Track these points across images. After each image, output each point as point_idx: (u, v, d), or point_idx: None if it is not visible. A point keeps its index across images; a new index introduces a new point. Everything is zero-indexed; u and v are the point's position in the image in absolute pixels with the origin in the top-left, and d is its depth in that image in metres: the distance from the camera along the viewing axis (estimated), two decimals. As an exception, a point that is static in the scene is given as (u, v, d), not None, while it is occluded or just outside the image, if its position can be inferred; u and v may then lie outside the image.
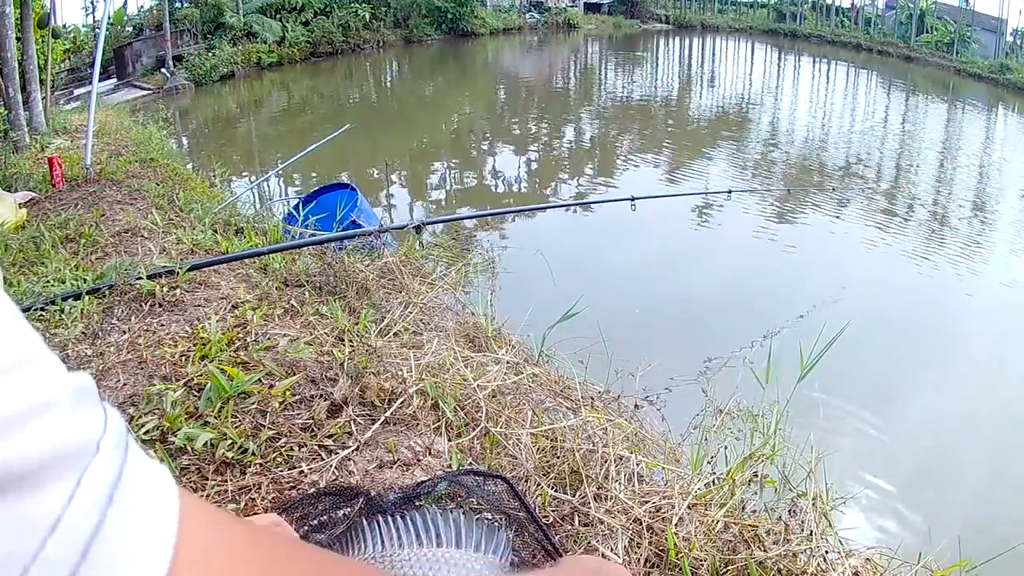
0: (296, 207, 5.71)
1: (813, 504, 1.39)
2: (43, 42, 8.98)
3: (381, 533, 0.93)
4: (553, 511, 1.49)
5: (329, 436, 1.62)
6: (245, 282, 2.98)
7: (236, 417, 1.84)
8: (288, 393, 1.97)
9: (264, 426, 1.64)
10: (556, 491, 1.54)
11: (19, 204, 4.67)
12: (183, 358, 2.26)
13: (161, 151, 7.33)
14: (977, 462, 4.67)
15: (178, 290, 2.88)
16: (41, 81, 8.15)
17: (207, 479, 1.46)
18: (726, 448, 1.73)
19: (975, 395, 5.50)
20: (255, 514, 1.34)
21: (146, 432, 1.60)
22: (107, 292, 2.87)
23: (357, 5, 24.01)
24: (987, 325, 6.77)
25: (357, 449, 1.59)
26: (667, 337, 5.87)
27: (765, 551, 1.26)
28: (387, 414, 1.87)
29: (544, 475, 1.64)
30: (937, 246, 9.10)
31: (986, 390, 5.55)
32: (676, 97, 20.93)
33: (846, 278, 7.18)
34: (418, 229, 3.75)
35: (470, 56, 26.66)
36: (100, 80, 7.68)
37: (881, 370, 5.61)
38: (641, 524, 1.36)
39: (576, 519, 1.38)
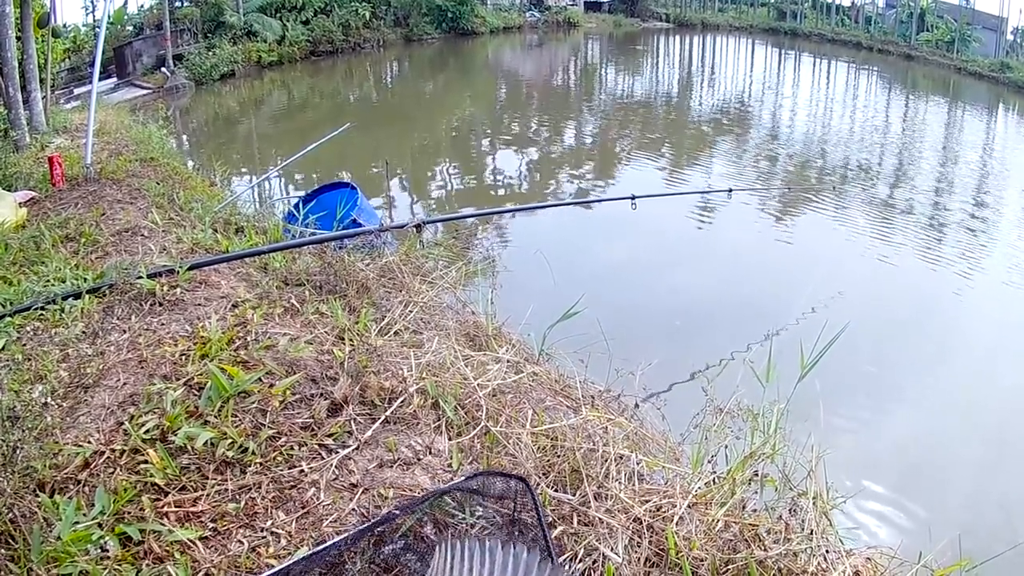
0: (296, 206, 5.71)
1: (814, 503, 1.39)
2: (43, 41, 8.97)
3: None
4: (553, 511, 1.49)
5: (329, 435, 1.62)
6: (245, 281, 2.98)
7: (236, 416, 1.83)
8: (288, 392, 1.97)
9: (264, 425, 1.64)
10: (556, 490, 1.54)
11: (19, 203, 4.67)
12: (183, 357, 2.26)
13: (161, 150, 7.32)
14: (977, 462, 4.67)
15: (178, 289, 2.88)
16: (41, 80, 8.14)
17: (207, 478, 1.46)
18: (726, 447, 1.73)
19: (976, 394, 5.49)
20: (255, 514, 1.34)
21: (146, 431, 1.60)
22: (107, 291, 2.87)
23: (357, 4, 23.99)
24: (986, 323, 6.77)
25: (357, 448, 1.59)
26: (667, 336, 5.87)
27: (765, 550, 1.26)
28: (387, 413, 1.87)
29: (544, 474, 1.64)
30: (937, 244, 9.09)
31: (986, 389, 5.54)
32: (676, 96, 20.92)
33: (846, 277, 7.16)
34: (418, 228, 3.74)
35: (470, 55, 26.64)
36: (100, 79, 7.68)
37: (881, 369, 5.61)
38: (641, 523, 1.36)
39: (576, 518, 1.38)
